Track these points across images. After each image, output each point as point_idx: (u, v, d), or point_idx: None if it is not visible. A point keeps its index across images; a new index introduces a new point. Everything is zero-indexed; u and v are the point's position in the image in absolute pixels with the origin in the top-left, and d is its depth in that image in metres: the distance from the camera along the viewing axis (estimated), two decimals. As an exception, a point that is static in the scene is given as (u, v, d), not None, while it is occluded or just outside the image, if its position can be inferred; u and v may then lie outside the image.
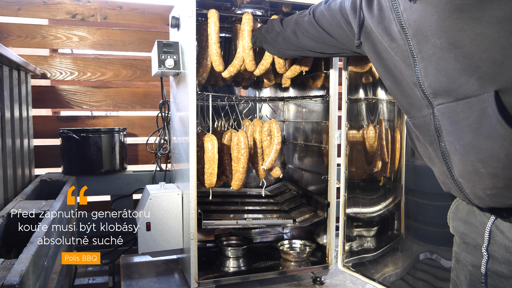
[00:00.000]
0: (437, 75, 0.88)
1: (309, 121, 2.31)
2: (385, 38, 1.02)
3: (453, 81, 0.86)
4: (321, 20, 1.43)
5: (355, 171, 1.95)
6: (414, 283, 1.63)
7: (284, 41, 1.68)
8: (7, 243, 1.58)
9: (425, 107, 0.95)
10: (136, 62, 2.82)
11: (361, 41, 1.18)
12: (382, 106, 1.78)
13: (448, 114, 0.88)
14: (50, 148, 2.69)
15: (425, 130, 0.96)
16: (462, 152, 0.87)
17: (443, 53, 0.86)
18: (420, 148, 1.05)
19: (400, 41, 0.97)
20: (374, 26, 1.07)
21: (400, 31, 0.96)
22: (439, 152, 0.94)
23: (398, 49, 0.99)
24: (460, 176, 0.91)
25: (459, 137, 0.87)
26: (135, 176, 2.63)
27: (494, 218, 0.91)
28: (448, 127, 0.89)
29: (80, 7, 2.72)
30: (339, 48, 1.44)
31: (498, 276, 0.91)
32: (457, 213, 1.05)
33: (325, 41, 1.46)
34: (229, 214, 2.25)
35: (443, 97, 0.89)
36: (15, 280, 0.98)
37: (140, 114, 2.96)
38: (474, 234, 0.97)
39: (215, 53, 1.86)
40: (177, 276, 2.12)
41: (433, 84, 0.90)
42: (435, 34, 0.86)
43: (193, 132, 1.76)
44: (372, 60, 1.14)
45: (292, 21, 1.63)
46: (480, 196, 0.88)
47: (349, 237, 1.98)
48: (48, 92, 2.69)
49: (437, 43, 0.87)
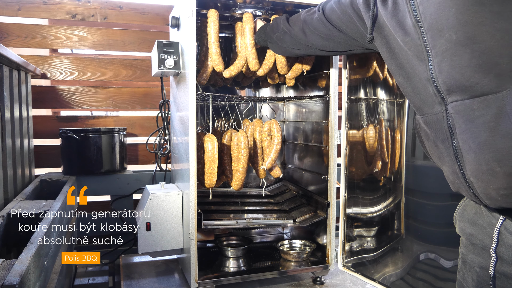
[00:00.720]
0: (451, 71, 0.86)
1: (309, 121, 2.31)
2: (399, 32, 1.00)
3: (468, 78, 0.83)
4: (331, 16, 1.40)
5: (355, 171, 1.95)
6: (414, 283, 1.63)
7: (292, 40, 1.64)
8: (7, 243, 1.58)
9: (437, 104, 0.93)
10: (136, 62, 2.83)
11: (373, 35, 1.15)
12: (382, 106, 1.78)
13: (462, 112, 0.86)
14: (50, 148, 2.69)
15: (437, 128, 0.94)
16: (476, 150, 0.85)
17: (457, 49, 0.84)
18: (429, 147, 1.03)
19: (414, 35, 0.95)
20: (388, 19, 1.05)
21: (414, 24, 0.93)
22: (451, 151, 0.91)
23: (411, 44, 0.96)
24: (472, 175, 0.88)
25: (474, 135, 0.85)
26: (135, 176, 2.64)
27: (503, 219, 0.90)
28: (463, 125, 0.87)
29: (80, 7, 2.72)
30: (349, 45, 1.41)
31: (506, 278, 0.90)
32: (464, 214, 1.03)
33: (335, 39, 1.43)
34: (229, 214, 2.25)
35: (457, 94, 0.87)
36: (15, 280, 0.98)
37: (140, 114, 2.96)
38: (482, 235, 0.95)
39: (214, 52, 1.86)
40: (177, 276, 2.12)
41: (447, 81, 0.88)
42: (452, 28, 0.84)
43: (193, 132, 1.76)
44: (384, 55, 1.12)
45: (299, 19, 1.60)
46: (492, 196, 0.87)
47: (349, 237, 1.98)
48: (48, 92, 2.69)
49: (452, 37, 0.84)
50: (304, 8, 2.03)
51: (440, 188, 1.44)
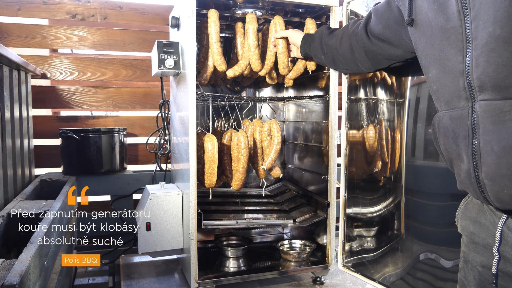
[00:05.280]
0: (487, 68, 0.83)
1: (309, 121, 2.31)
2: (439, 18, 0.94)
3: (504, 78, 0.80)
4: (373, 26, 1.38)
5: (355, 171, 1.95)
6: (414, 283, 1.63)
7: (339, 61, 1.64)
8: (7, 243, 1.58)
9: (464, 99, 0.89)
10: (136, 62, 2.83)
11: (412, 18, 1.06)
12: (382, 106, 1.78)
13: (492, 112, 0.83)
14: (50, 148, 2.69)
15: (460, 124, 0.91)
16: (500, 153, 0.82)
17: (497, 45, 0.80)
18: (446, 145, 0.99)
19: (457, 21, 0.89)
20: (429, 5, 0.98)
21: (460, 10, 0.88)
22: (470, 150, 0.89)
23: (452, 31, 0.90)
24: (487, 177, 0.86)
25: (500, 137, 0.82)
26: (135, 176, 2.64)
27: (506, 217, 0.89)
28: (489, 126, 0.84)
29: (80, 7, 2.72)
30: (389, 60, 1.41)
31: (509, 277, 0.89)
32: (467, 212, 1.02)
33: (375, 52, 1.42)
34: (229, 214, 2.25)
35: (489, 93, 0.83)
36: (15, 280, 0.98)
37: (140, 114, 2.96)
38: (484, 234, 0.95)
39: (216, 52, 1.86)
40: (177, 276, 2.12)
41: (481, 77, 0.84)
42: (499, 21, 0.80)
43: (193, 132, 1.76)
44: (419, 46, 1.07)
45: (345, 34, 1.56)
46: (504, 200, 0.85)
47: (349, 237, 1.98)
48: (48, 92, 2.69)
49: (496, 32, 0.80)
50: (304, 8, 2.04)
51: (440, 188, 1.44)
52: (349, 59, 1.57)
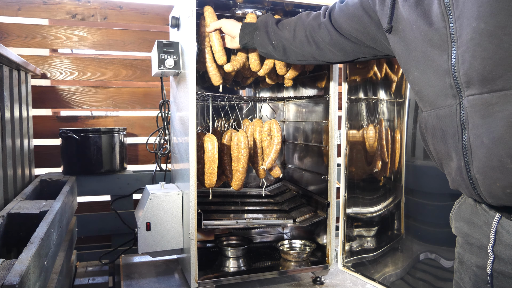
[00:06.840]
0: (473, 62, 0.84)
1: (309, 121, 2.32)
2: (421, 23, 0.97)
3: (490, 71, 0.81)
4: (340, 23, 1.35)
5: (355, 171, 1.95)
6: (414, 283, 1.63)
7: (293, 51, 1.56)
8: (7, 243, 1.58)
9: (451, 97, 0.91)
10: (136, 62, 2.83)
11: (392, 25, 1.09)
12: (382, 106, 1.78)
13: (480, 106, 0.84)
14: (50, 148, 2.69)
15: (448, 122, 0.92)
16: (490, 146, 0.83)
17: (482, 39, 0.82)
18: (435, 144, 1.00)
19: (440, 23, 0.91)
20: (409, 11, 1.01)
21: (443, 12, 0.90)
22: (460, 146, 0.90)
23: (434, 34, 0.93)
24: (479, 172, 0.87)
25: (489, 130, 0.83)
26: (135, 176, 2.64)
27: (499, 217, 0.89)
28: (478, 120, 0.85)
29: (80, 7, 2.72)
30: (357, 53, 1.38)
31: (504, 277, 0.90)
32: (460, 213, 1.03)
33: (343, 48, 1.39)
34: (229, 214, 2.25)
35: (477, 87, 0.84)
36: (15, 280, 0.98)
37: (140, 114, 2.96)
38: (478, 235, 0.95)
39: (217, 43, 1.81)
40: (177, 276, 2.12)
41: (468, 72, 0.85)
42: (483, 17, 0.82)
43: (193, 132, 1.76)
44: (399, 51, 1.09)
45: (299, 26, 1.52)
46: (496, 194, 0.86)
47: (349, 237, 1.98)
48: (48, 92, 2.69)
49: (480, 27, 0.82)
50: (304, 8, 2.04)
51: (440, 188, 1.44)
52: (307, 51, 1.52)
